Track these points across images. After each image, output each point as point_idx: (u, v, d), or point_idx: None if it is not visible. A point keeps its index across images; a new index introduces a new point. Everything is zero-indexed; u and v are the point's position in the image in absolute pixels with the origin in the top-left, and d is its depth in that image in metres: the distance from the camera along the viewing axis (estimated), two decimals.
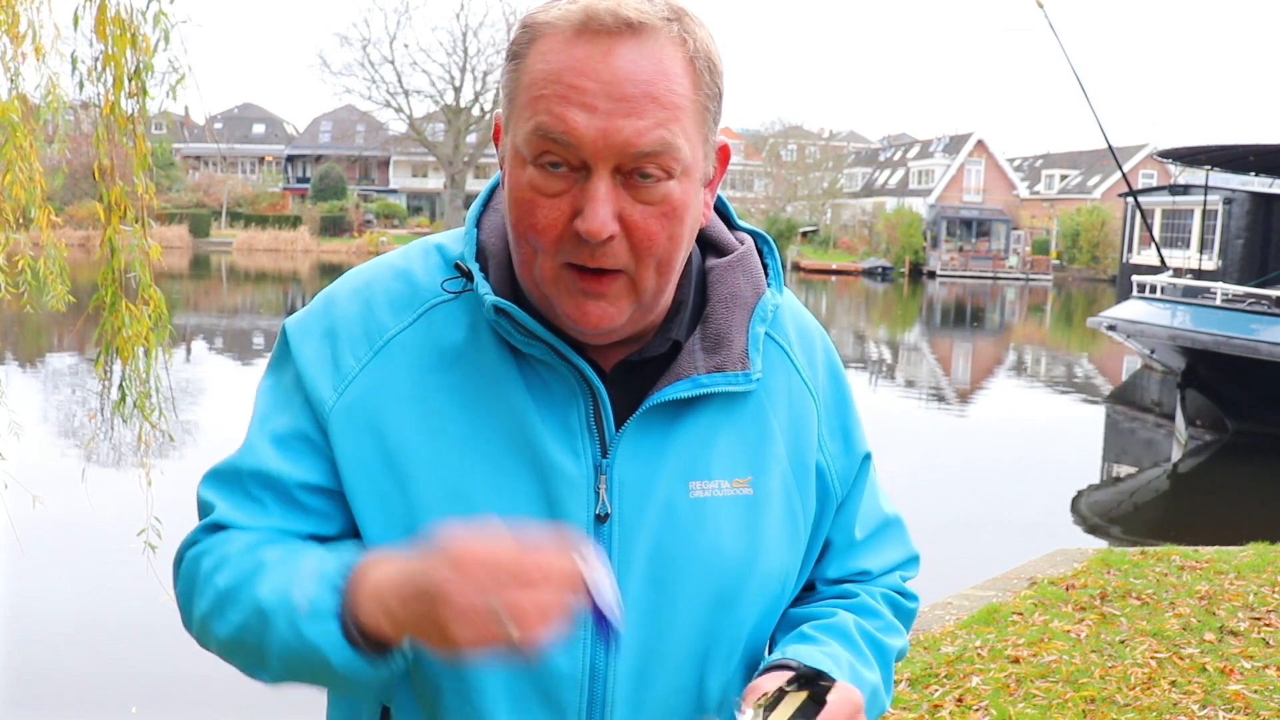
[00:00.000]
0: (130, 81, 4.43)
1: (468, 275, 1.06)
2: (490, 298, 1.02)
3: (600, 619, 0.87)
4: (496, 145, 1.05)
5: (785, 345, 1.16)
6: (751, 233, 1.19)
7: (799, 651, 1.09)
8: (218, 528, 1.05)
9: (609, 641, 0.89)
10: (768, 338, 1.14)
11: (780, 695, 0.98)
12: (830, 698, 0.98)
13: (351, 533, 1.06)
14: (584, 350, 1.05)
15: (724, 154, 1.07)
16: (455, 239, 1.13)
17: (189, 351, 18.54)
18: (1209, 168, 18.47)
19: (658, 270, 1.00)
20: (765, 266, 1.17)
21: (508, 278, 1.06)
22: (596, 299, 0.98)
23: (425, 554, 0.89)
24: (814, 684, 0.98)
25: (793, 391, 1.15)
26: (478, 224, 1.11)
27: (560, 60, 0.94)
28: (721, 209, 1.19)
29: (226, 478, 1.07)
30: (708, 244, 1.16)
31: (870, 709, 1.13)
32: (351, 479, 1.03)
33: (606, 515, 1.03)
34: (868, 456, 1.23)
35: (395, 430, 1.03)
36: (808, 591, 1.22)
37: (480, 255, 1.08)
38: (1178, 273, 17.99)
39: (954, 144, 59.56)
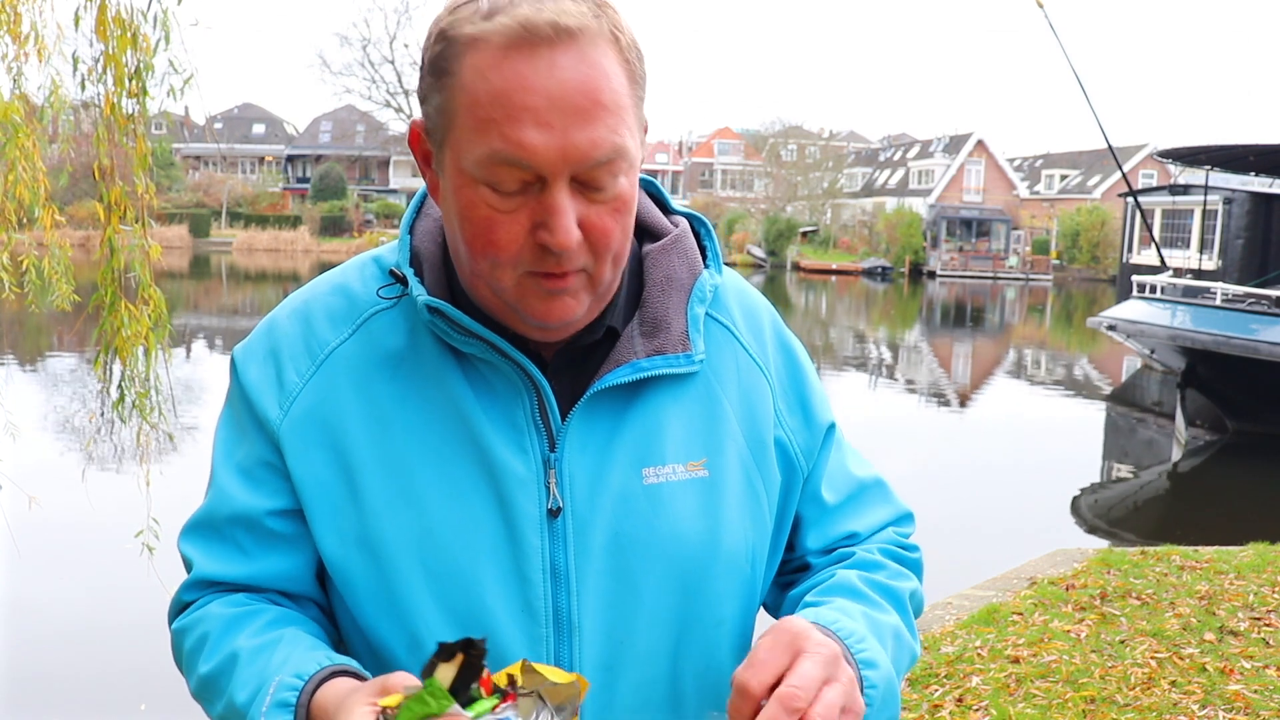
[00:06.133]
0: (130, 81, 4.43)
1: (403, 281, 1.06)
2: (424, 298, 1.02)
3: None
4: (414, 152, 1.06)
5: (729, 324, 1.16)
6: (687, 215, 1.19)
7: (810, 614, 1.04)
8: (198, 584, 1.09)
9: None
10: (710, 318, 1.14)
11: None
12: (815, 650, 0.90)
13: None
14: (523, 345, 1.05)
15: (644, 128, 1.06)
16: (392, 249, 1.13)
17: (189, 351, 18.55)
18: (1209, 168, 18.47)
19: (613, 263, 1.01)
20: (704, 249, 1.16)
21: (443, 279, 1.07)
22: (560, 295, 0.99)
23: (362, 694, 0.88)
24: (468, 650, 0.84)
25: (741, 369, 1.14)
26: (411, 230, 1.11)
27: (503, 78, 0.91)
28: (656, 194, 1.19)
29: (201, 528, 1.10)
30: (644, 230, 1.16)
31: (899, 653, 1.09)
32: (304, 493, 1.04)
33: (559, 510, 1.03)
34: (832, 426, 1.21)
35: (342, 440, 1.04)
36: (803, 571, 1.20)
37: (414, 260, 1.08)
38: (1178, 273, 18.00)
39: (954, 144, 59.53)
